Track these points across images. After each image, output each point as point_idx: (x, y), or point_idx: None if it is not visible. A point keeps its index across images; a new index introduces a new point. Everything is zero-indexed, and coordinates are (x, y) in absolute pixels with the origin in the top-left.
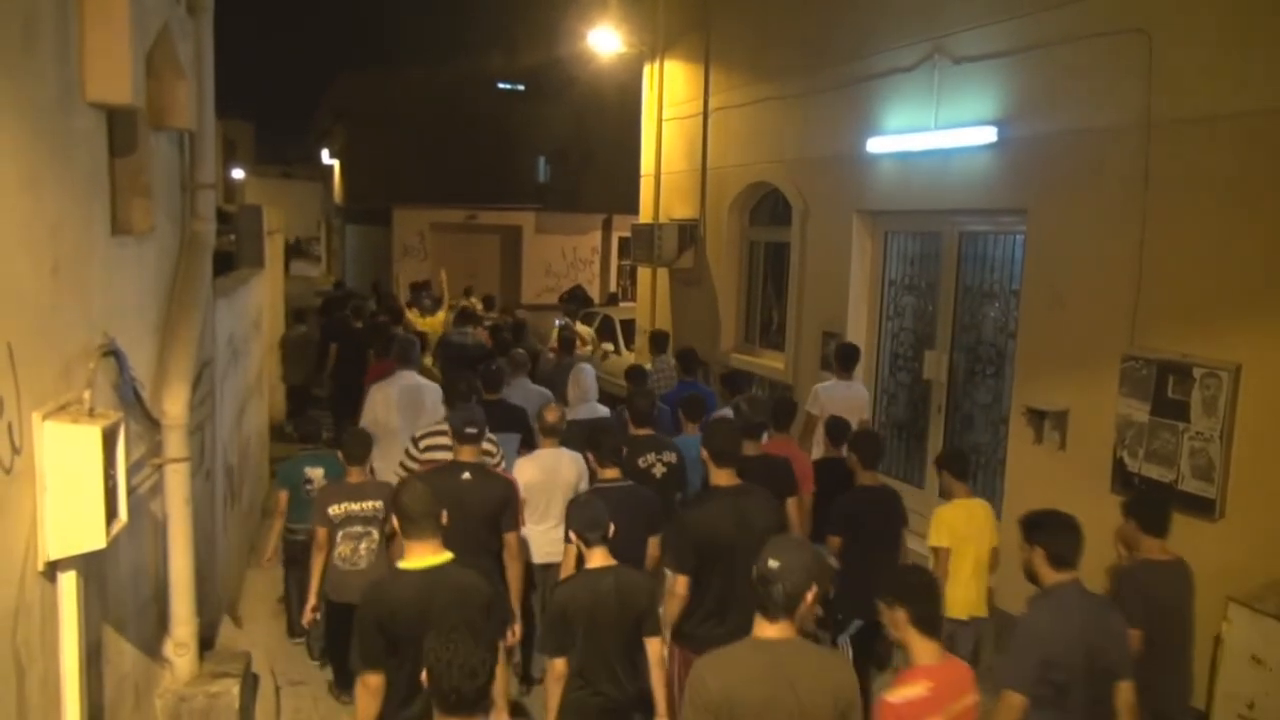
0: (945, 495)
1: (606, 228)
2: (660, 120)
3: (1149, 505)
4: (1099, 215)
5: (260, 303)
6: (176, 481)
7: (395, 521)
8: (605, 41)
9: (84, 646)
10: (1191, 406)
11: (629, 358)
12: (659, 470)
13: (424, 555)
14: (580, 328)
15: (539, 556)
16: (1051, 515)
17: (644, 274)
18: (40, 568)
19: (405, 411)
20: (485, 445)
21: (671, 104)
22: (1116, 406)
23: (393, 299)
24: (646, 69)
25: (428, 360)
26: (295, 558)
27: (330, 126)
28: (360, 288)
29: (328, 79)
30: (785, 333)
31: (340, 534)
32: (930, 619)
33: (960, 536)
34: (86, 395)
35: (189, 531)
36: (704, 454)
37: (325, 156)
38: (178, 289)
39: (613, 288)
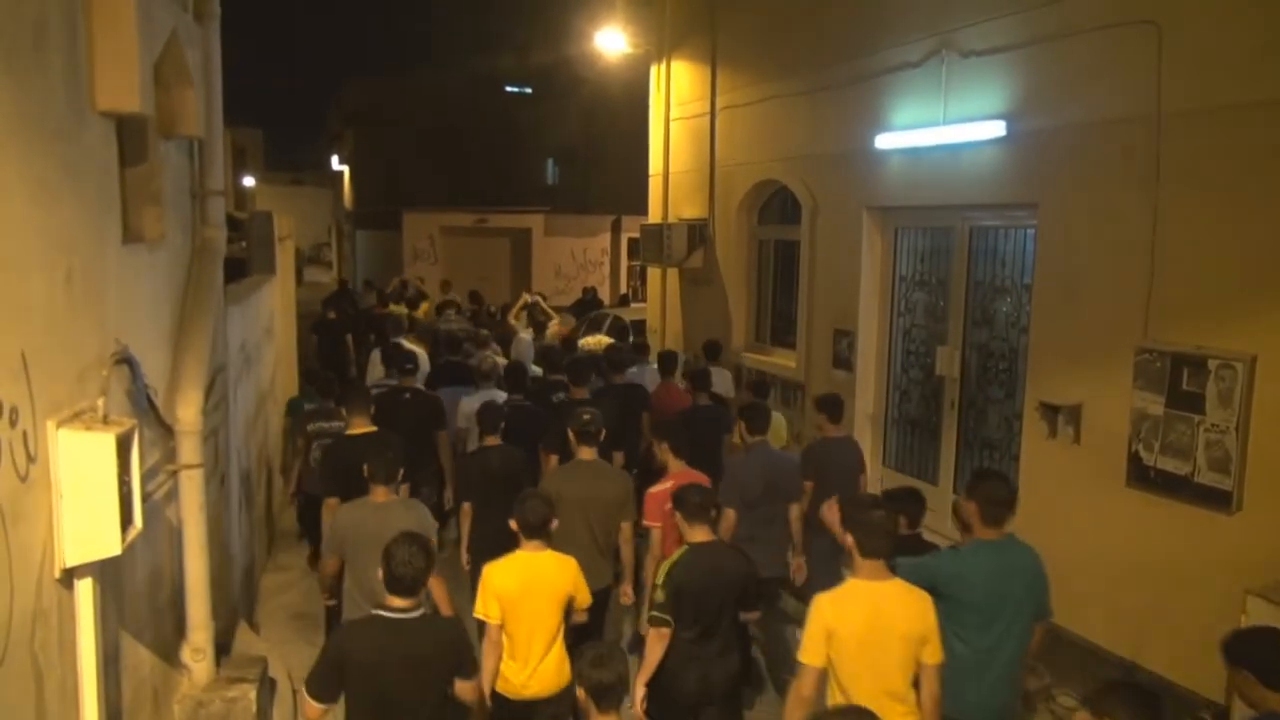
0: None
1: (616, 229)
2: (668, 120)
3: (827, 403)
4: (1111, 208)
5: (272, 309)
6: (191, 487)
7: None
8: (612, 42)
9: (101, 652)
10: (1207, 398)
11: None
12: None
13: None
14: (557, 320)
15: None
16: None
17: (654, 274)
18: (57, 574)
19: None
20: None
21: (679, 104)
22: (1131, 400)
23: (385, 294)
24: (653, 69)
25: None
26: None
27: (340, 132)
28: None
29: (337, 85)
30: (796, 331)
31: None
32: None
33: None
34: (100, 403)
35: (204, 537)
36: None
37: (335, 163)
38: (189, 296)
39: (623, 289)
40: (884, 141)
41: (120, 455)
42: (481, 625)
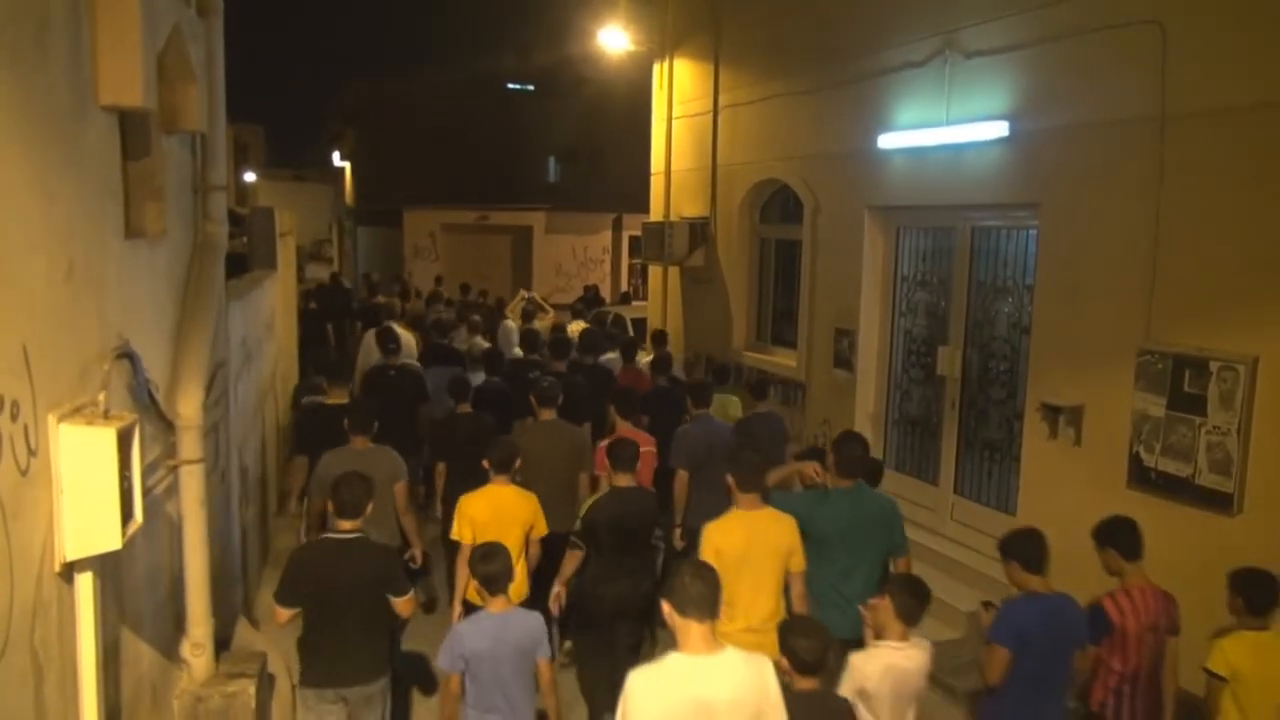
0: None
1: (617, 227)
2: (670, 119)
3: (756, 386)
4: (1113, 209)
5: (273, 305)
6: (191, 483)
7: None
8: (614, 41)
9: (101, 647)
10: (1208, 400)
11: (641, 358)
12: None
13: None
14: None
15: None
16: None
17: (655, 273)
18: (57, 568)
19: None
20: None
21: (681, 102)
22: (1132, 401)
23: (375, 285)
24: (655, 67)
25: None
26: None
27: (341, 129)
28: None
29: (338, 82)
30: (797, 330)
31: None
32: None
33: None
34: (101, 397)
35: (204, 532)
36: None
37: (336, 159)
38: (190, 291)
39: (624, 287)
40: (886, 141)
41: (121, 450)
42: (455, 547)
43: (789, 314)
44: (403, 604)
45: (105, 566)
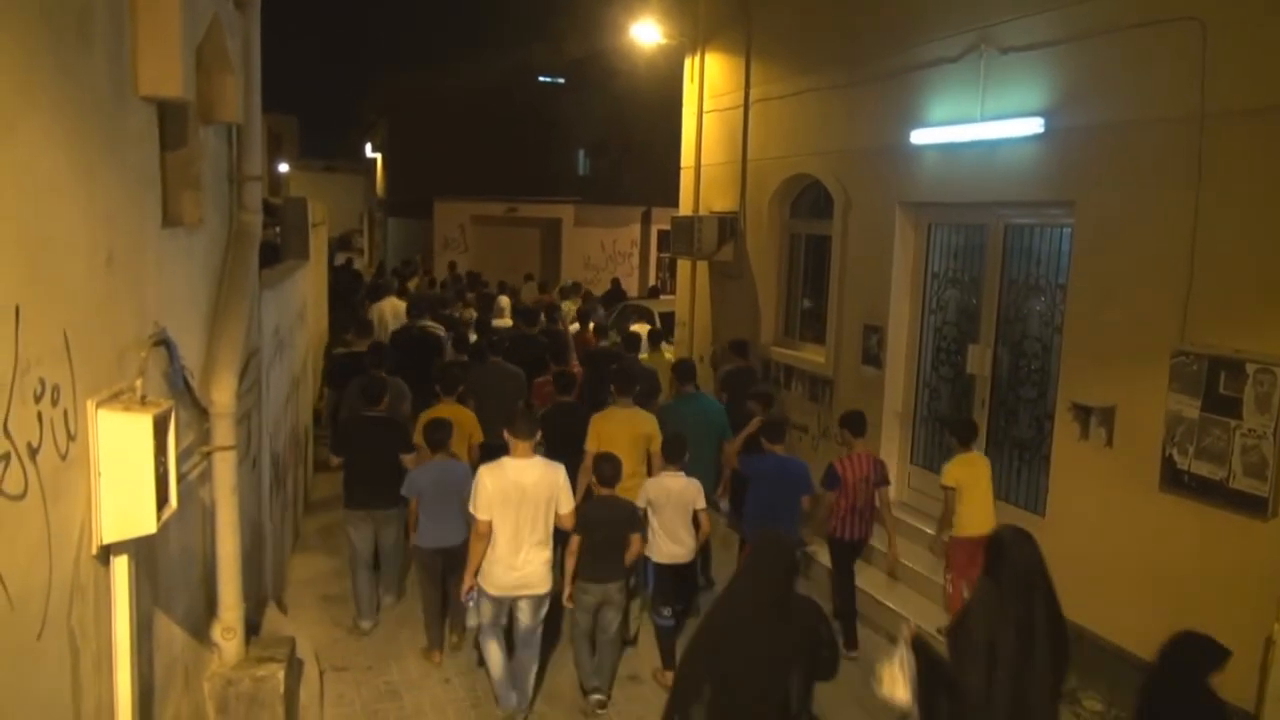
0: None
1: (646, 220)
2: (700, 112)
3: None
4: (1150, 208)
5: (305, 295)
6: (224, 469)
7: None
8: (646, 34)
9: (135, 629)
10: (1244, 403)
11: (667, 353)
12: None
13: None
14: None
15: None
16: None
17: (683, 267)
18: (94, 551)
19: (394, 320)
20: None
21: (712, 96)
22: (1166, 403)
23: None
24: (687, 61)
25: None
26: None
27: (373, 120)
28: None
29: (371, 74)
30: (826, 326)
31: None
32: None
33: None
34: (138, 383)
35: (236, 518)
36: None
37: (368, 150)
38: (225, 280)
39: (652, 280)
40: (919, 137)
41: (157, 436)
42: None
43: (818, 310)
44: (409, 460)
45: (140, 550)
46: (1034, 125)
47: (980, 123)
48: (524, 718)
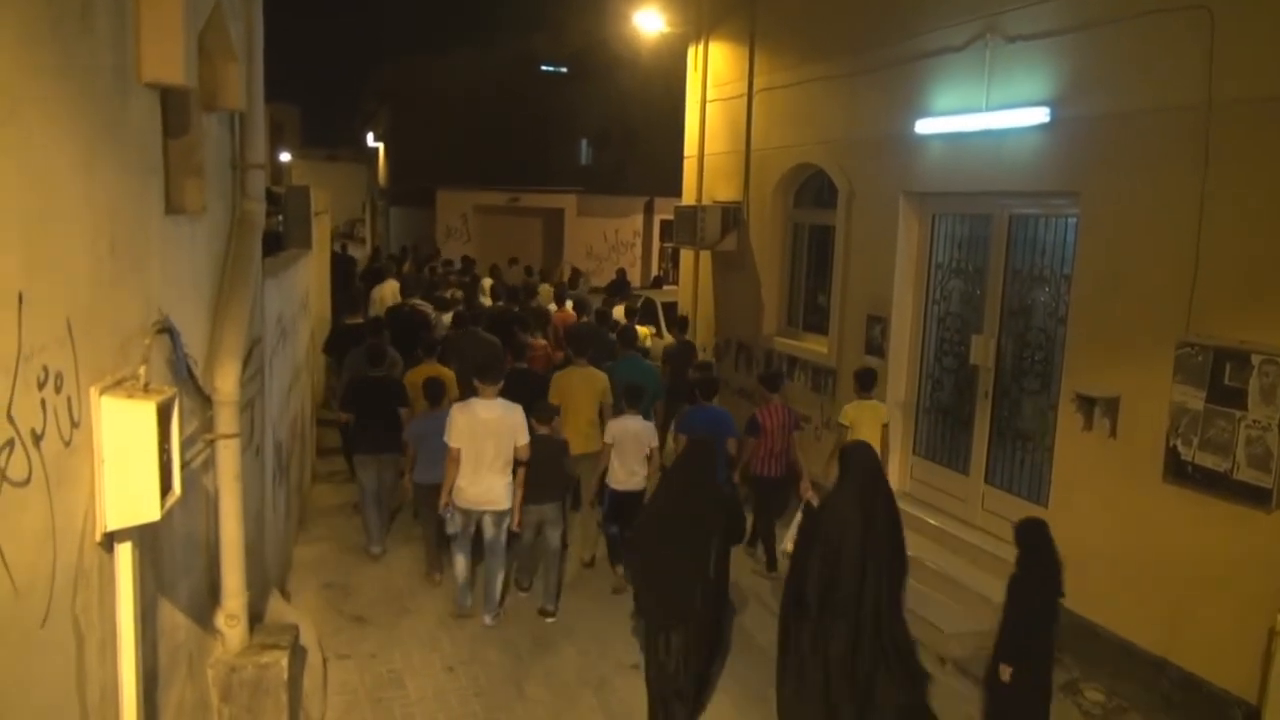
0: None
1: (649, 210)
2: (704, 102)
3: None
4: (1155, 198)
5: (308, 283)
6: (227, 457)
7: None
8: (649, 23)
9: (139, 616)
10: (1249, 394)
11: (670, 340)
12: None
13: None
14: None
15: None
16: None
17: (686, 257)
18: (98, 538)
19: (392, 300)
20: None
21: (715, 85)
22: (1170, 394)
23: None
24: (690, 50)
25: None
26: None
27: (375, 110)
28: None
29: (373, 63)
30: (829, 316)
31: None
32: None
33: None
34: (142, 371)
35: (239, 506)
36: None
37: (370, 139)
38: (228, 268)
39: (655, 270)
40: (924, 127)
41: (160, 423)
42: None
43: (821, 300)
44: (406, 414)
45: (144, 537)
46: (1039, 115)
47: (985, 112)
48: (493, 619)
